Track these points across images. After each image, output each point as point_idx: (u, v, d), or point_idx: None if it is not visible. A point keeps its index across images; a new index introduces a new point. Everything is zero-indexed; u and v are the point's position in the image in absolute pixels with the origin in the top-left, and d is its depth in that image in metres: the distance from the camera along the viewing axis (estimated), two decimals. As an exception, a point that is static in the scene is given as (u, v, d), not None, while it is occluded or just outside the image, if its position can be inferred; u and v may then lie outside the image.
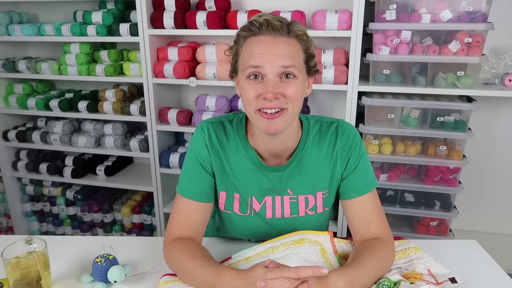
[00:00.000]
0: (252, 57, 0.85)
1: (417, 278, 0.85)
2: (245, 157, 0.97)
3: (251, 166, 0.97)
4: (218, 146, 0.97)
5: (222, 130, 0.99)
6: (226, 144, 0.98)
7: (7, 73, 2.31)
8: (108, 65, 2.13)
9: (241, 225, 1.04)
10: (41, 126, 2.42)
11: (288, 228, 1.00)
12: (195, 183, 0.98)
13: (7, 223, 2.70)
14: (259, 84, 0.86)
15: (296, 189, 0.99)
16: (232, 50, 0.92)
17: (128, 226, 2.45)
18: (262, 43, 0.85)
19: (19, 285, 0.83)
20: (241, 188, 0.99)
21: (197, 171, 0.98)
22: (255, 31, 0.86)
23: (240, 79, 0.90)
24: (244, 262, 0.90)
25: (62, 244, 1.07)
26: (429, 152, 1.85)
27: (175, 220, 0.98)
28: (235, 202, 1.00)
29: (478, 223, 2.21)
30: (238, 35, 0.90)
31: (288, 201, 0.99)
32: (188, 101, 2.37)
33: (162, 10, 1.94)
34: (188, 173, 0.99)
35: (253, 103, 0.86)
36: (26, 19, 2.36)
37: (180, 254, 0.89)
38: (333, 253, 0.92)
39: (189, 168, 0.99)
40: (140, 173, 2.43)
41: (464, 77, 1.74)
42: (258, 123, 0.88)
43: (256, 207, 0.99)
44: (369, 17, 1.76)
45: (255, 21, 0.86)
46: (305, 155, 0.98)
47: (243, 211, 1.00)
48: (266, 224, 1.02)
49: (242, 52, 0.88)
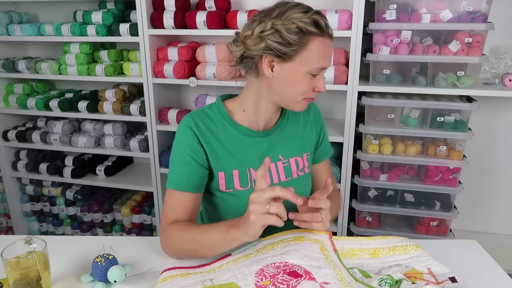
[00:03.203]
0: (322, 59, 0.95)
1: (417, 277, 0.85)
2: (235, 132, 1.05)
3: (242, 137, 1.05)
4: (207, 131, 1.03)
5: (206, 117, 1.05)
6: (214, 128, 1.04)
7: (7, 73, 2.31)
8: (108, 65, 2.13)
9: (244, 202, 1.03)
10: (41, 126, 2.42)
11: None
12: (185, 174, 1.01)
13: (7, 223, 2.70)
14: (313, 79, 0.97)
15: (285, 153, 1.10)
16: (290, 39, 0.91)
17: (128, 226, 2.45)
18: (328, 47, 0.96)
19: (19, 285, 0.83)
20: (238, 163, 1.05)
21: (187, 163, 1.01)
22: (323, 32, 0.93)
23: (296, 69, 0.95)
24: (244, 259, 0.90)
25: (62, 244, 1.07)
26: (429, 152, 1.86)
27: (168, 210, 1.02)
28: (235, 179, 1.05)
29: (478, 223, 2.21)
30: (304, 29, 0.91)
31: (281, 166, 1.09)
32: (188, 101, 2.37)
33: (162, 10, 1.94)
34: (177, 166, 1.03)
35: (305, 94, 0.98)
36: (26, 19, 2.36)
37: (184, 233, 0.96)
38: (332, 251, 0.93)
39: (178, 161, 1.03)
40: (140, 173, 2.43)
41: (464, 77, 1.74)
42: (297, 106, 1.01)
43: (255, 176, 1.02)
44: (369, 17, 1.76)
45: (321, 20, 0.92)
46: (288, 123, 1.11)
47: (244, 185, 1.05)
48: None
49: (308, 47, 0.93)
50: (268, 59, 0.95)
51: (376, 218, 2.02)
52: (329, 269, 0.85)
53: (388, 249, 0.96)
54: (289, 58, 0.93)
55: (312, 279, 0.80)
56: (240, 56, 0.99)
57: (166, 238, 0.99)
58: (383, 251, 0.96)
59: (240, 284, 0.81)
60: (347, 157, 1.90)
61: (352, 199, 1.99)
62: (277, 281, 0.79)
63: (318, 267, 0.84)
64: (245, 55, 0.98)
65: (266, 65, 0.96)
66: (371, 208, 1.97)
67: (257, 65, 0.98)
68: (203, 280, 0.85)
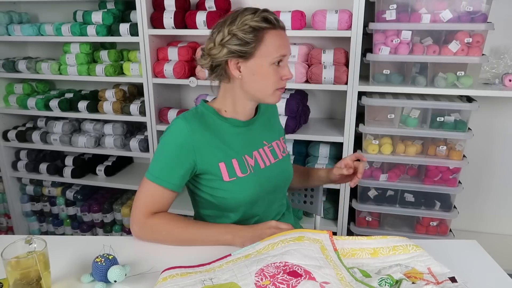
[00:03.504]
0: (280, 47, 1.05)
1: (417, 277, 0.85)
2: (225, 125, 1.13)
3: (234, 129, 1.14)
4: (202, 128, 1.09)
5: (198, 115, 1.12)
6: (207, 123, 1.11)
7: (7, 73, 2.31)
8: (108, 65, 2.13)
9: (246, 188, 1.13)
10: (41, 126, 2.42)
11: (278, 171, 1.21)
12: (173, 173, 1.07)
13: (7, 223, 2.70)
14: (278, 68, 1.07)
15: (268, 139, 1.22)
16: (246, 38, 1.03)
17: (128, 226, 2.45)
18: (283, 37, 1.07)
19: (19, 285, 0.83)
20: (235, 152, 1.12)
21: (177, 163, 1.07)
22: (274, 25, 1.05)
23: (260, 64, 1.05)
24: (244, 259, 0.90)
25: (62, 244, 1.07)
26: (429, 152, 1.86)
27: (149, 202, 1.08)
28: (235, 167, 1.11)
29: (478, 223, 2.21)
30: (256, 27, 1.03)
31: (268, 150, 1.20)
32: (188, 101, 2.37)
33: (162, 10, 1.95)
34: (167, 163, 1.07)
35: (275, 84, 1.08)
36: (26, 19, 2.36)
37: (173, 225, 1.07)
38: (333, 250, 0.93)
39: (168, 159, 1.07)
40: (140, 173, 2.42)
41: (464, 77, 1.74)
42: (272, 99, 1.11)
43: (251, 162, 1.15)
44: (369, 17, 1.76)
45: (269, 16, 1.04)
46: (263, 113, 1.24)
47: (244, 171, 1.12)
48: (263, 175, 1.17)
49: (264, 41, 1.04)
50: (234, 62, 1.06)
51: (376, 218, 2.02)
52: (329, 268, 0.85)
53: (388, 249, 0.96)
54: (251, 55, 1.05)
55: (312, 278, 0.80)
56: (209, 67, 1.11)
57: (147, 227, 1.07)
58: (383, 251, 0.96)
59: (240, 284, 0.81)
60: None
61: (352, 199, 1.99)
62: (277, 281, 0.79)
63: (318, 266, 0.84)
64: (214, 64, 1.09)
65: (233, 67, 1.07)
66: (371, 208, 1.97)
67: (226, 70, 1.09)
68: (203, 279, 0.85)
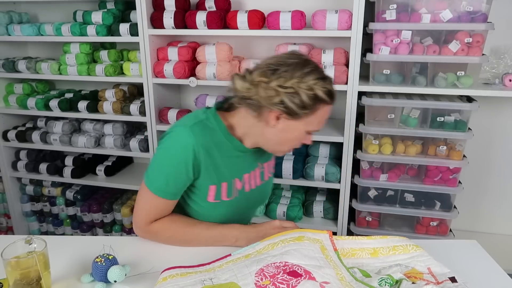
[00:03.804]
0: (322, 122, 1.04)
1: (417, 277, 0.85)
2: (229, 146, 1.08)
3: (236, 153, 1.09)
4: (208, 145, 1.03)
5: (207, 129, 1.04)
6: (214, 140, 1.05)
7: (7, 73, 2.31)
8: (108, 65, 2.13)
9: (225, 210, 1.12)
10: (41, 126, 2.42)
11: (260, 194, 1.21)
12: (173, 184, 1.04)
13: (7, 223, 2.70)
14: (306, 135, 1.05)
15: (262, 159, 1.18)
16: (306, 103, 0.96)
17: (128, 226, 2.45)
18: (328, 112, 1.04)
19: (19, 285, 0.83)
20: (228, 175, 1.09)
21: (177, 174, 1.03)
22: (332, 102, 1.02)
23: (299, 128, 1.02)
24: (244, 259, 0.90)
25: (62, 244, 1.07)
26: (429, 152, 1.85)
27: (152, 212, 1.07)
28: (222, 191, 1.09)
29: (478, 223, 2.21)
30: (319, 98, 0.97)
31: (258, 172, 1.17)
32: (188, 101, 2.37)
33: (162, 10, 1.94)
34: (167, 174, 1.03)
35: (293, 144, 1.07)
36: (26, 19, 2.36)
37: (176, 227, 1.07)
38: (333, 250, 0.93)
39: (169, 169, 1.03)
40: (140, 173, 2.43)
41: (464, 77, 1.74)
42: (280, 153, 1.14)
43: (239, 185, 1.12)
44: (369, 17, 1.76)
45: (333, 92, 1.01)
46: None
47: (229, 195, 1.10)
48: (245, 198, 1.15)
49: (316, 113, 1.00)
50: (277, 113, 0.98)
51: (376, 218, 2.02)
52: (329, 268, 0.85)
53: (388, 249, 0.96)
54: (298, 118, 0.98)
55: (312, 278, 0.80)
56: (245, 96, 0.99)
57: (151, 233, 1.08)
58: (383, 250, 0.96)
59: (240, 284, 0.81)
60: (347, 157, 1.90)
61: (352, 199, 1.99)
62: (277, 281, 0.79)
63: (318, 266, 0.84)
64: (252, 98, 0.98)
65: (272, 116, 0.99)
66: (371, 208, 1.97)
67: (261, 111, 0.99)
68: (203, 279, 0.85)
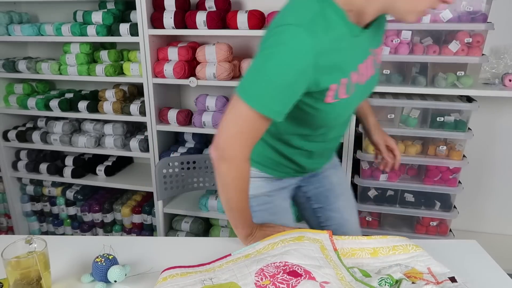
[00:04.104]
0: None
1: (417, 277, 0.85)
2: (348, 35, 0.90)
3: (351, 39, 0.91)
4: (329, 44, 0.86)
5: (326, 24, 0.86)
6: (334, 35, 0.87)
7: (7, 73, 2.31)
8: (108, 65, 2.13)
9: (343, 109, 1.00)
10: (41, 126, 2.42)
11: (370, 86, 1.07)
12: (286, 101, 0.87)
13: (7, 223, 2.70)
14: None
15: (374, 44, 1.01)
16: None
17: (128, 226, 2.45)
18: None
19: (19, 285, 0.83)
20: (347, 70, 0.93)
21: (293, 89, 0.86)
22: None
23: None
24: (244, 259, 0.90)
25: (62, 244, 1.07)
26: (429, 152, 1.86)
27: (252, 135, 0.90)
28: (341, 88, 0.93)
29: (478, 223, 2.21)
30: None
31: (371, 60, 1.00)
32: (188, 101, 2.37)
33: (162, 10, 1.94)
34: (278, 88, 0.85)
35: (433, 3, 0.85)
36: (26, 19, 2.36)
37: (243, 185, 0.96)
38: (332, 250, 0.93)
39: (282, 83, 0.84)
40: (140, 173, 2.43)
41: (464, 77, 1.74)
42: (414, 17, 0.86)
43: (355, 79, 0.96)
44: (369, 17, 1.76)
45: None
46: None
47: (348, 91, 0.95)
48: (360, 92, 1.01)
49: None
50: None
51: (376, 218, 2.02)
52: (329, 268, 0.85)
53: (388, 249, 0.96)
54: None
55: (312, 278, 0.80)
56: None
57: (239, 171, 0.92)
58: (383, 250, 0.96)
59: (240, 284, 0.81)
60: (347, 157, 1.90)
61: (352, 199, 1.99)
62: (277, 281, 0.79)
63: (318, 266, 0.84)
64: None
65: None
66: (371, 208, 1.97)
67: None
68: (203, 279, 0.85)
